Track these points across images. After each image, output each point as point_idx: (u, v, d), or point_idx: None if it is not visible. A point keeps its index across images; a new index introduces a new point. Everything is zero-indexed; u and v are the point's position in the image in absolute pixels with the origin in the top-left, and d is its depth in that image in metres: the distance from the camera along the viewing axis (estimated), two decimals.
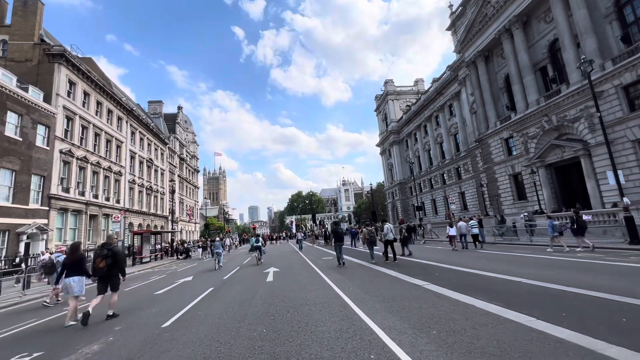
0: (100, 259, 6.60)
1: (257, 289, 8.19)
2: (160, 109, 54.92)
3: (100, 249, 6.84)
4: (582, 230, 12.24)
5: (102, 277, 6.69)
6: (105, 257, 6.61)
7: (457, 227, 16.77)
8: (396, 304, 5.47)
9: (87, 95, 28.26)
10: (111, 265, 6.65)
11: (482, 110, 31.64)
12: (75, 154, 25.67)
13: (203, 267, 17.61)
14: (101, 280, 6.75)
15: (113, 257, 6.67)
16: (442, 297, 5.62)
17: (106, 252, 6.67)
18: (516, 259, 11.02)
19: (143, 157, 39.25)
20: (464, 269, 8.97)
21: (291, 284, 8.74)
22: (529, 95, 25.49)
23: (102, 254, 6.64)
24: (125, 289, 10.80)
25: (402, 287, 6.97)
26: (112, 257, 6.66)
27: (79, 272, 6.68)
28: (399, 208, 59.06)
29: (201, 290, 8.99)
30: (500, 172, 29.43)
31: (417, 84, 63.98)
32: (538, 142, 24.26)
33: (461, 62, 36.11)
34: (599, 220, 16.80)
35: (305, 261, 15.46)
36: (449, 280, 7.36)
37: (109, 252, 6.68)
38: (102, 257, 6.62)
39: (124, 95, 39.81)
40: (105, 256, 6.62)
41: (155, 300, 7.96)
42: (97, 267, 6.61)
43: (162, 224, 43.91)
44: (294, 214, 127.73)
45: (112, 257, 6.65)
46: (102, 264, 6.57)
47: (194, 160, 67.57)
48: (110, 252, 6.69)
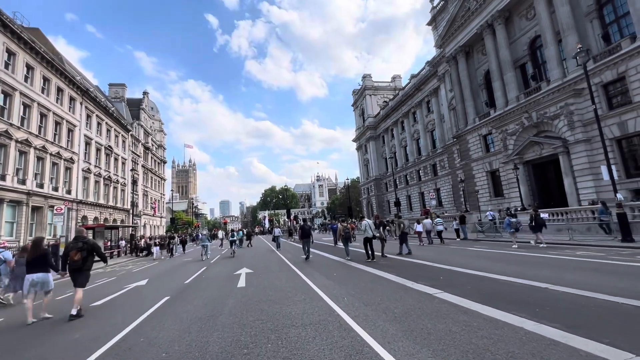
0: (75, 252, 6.43)
1: (225, 300, 6.52)
2: (122, 92, 50.31)
3: (74, 242, 6.63)
4: (540, 227, 13.28)
5: (76, 270, 6.46)
6: (80, 250, 6.45)
7: (422, 224, 17.80)
8: (414, 324, 4.12)
9: (30, 69, 24.56)
10: (86, 258, 6.50)
11: (462, 106, 31.47)
12: (14, 136, 22.15)
13: (163, 268, 15.53)
14: (76, 273, 6.50)
15: (89, 250, 6.53)
16: (472, 314, 4.35)
17: (81, 244, 6.50)
18: (511, 257, 10.23)
19: (101, 144, 35.45)
20: (470, 271, 7.88)
21: (269, 291, 7.16)
22: (509, 92, 25.41)
23: (77, 247, 6.47)
24: (56, 297, 8.71)
25: (410, 296, 5.65)
26: (87, 249, 6.51)
27: (43, 269, 6.44)
28: (374, 204, 58.82)
29: (153, 300, 7.16)
30: (477, 168, 29.41)
31: (394, 80, 63.82)
32: (517, 139, 24.22)
33: (441, 58, 35.83)
34: (580, 218, 16.67)
35: (282, 260, 13.90)
36: (462, 286, 6.18)
37: (84, 244, 6.53)
38: (77, 249, 6.44)
39: (78, 74, 35.65)
40: (80, 249, 6.45)
41: (84, 318, 6.05)
42: (72, 259, 6.42)
43: (122, 218, 40.24)
44: (267, 209, 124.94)
45: (87, 250, 6.51)
46: (77, 257, 6.41)
47: (161, 150, 63.18)
48: (86, 244, 6.56)
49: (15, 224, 22.60)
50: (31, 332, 5.48)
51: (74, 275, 6.52)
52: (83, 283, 6.57)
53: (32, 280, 6.33)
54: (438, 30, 37.23)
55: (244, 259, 16.42)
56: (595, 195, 18.39)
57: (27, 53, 23.92)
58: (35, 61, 24.79)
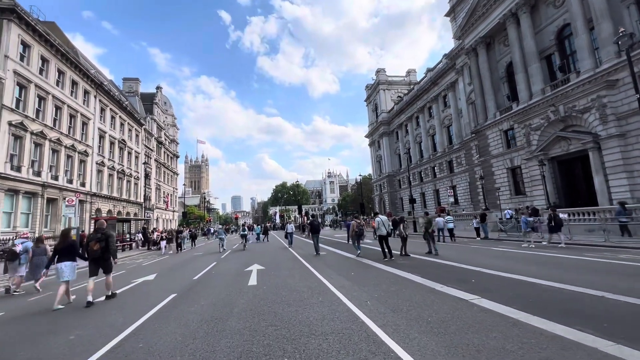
0: (95, 242, 6.97)
1: (235, 300, 6.01)
2: (136, 87, 50.66)
3: (94, 234, 7.27)
4: (558, 227, 13.16)
5: (95, 260, 7.01)
6: (99, 241, 6.97)
7: (435, 222, 17.67)
8: (457, 338, 3.45)
9: (45, 62, 24.66)
10: (105, 248, 7.02)
11: (481, 100, 30.17)
12: (30, 128, 22.28)
13: (172, 262, 15.22)
14: (94, 262, 7.05)
15: (106, 241, 7.03)
16: (525, 328, 3.64)
17: (100, 235, 7.06)
18: (543, 259, 9.39)
19: (114, 138, 35.69)
20: (502, 274, 7.12)
21: (282, 291, 6.60)
22: (534, 85, 24.07)
23: (96, 238, 7.03)
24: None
25: (442, 302, 4.95)
26: (105, 240, 7.02)
27: (71, 258, 7.00)
28: (387, 201, 57.80)
29: (159, 297, 6.69)
30: (497, 165, 28.17)
31: (409, 75, 62.31)
32: (542, 134, 22.94)
33: (460, 50, 34.46)
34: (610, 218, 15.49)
35: (294, 257, 13.36)
36: (500, 291, 5.45)
37: (102, 235, 7.06)
38: (96, 240, 6.99)
39: (92, 67, 35.86)
40: (99, 239, 6.98)
41: (84, 316, 5.62)
42: (92, 249, 6.96)
43: (135, 211, 40.58)
44: (278, 205, 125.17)
45: (105, 241, 7.01)
46: (96, 247, 6.94)
47: (174, 144, 63.64)
48: (104, 235, 7.06)
49: (30, 215, 22.82)
50: (26, 331, 5.06)
51: (94, 263, 7.08)
52: (108, 269, 7.23)
53: (61, 268, 6.87)
54: (457, 21, 35.79)
55: (255, 254, 15.98)
56: (629, 194, 17.13)
57: (42, 45, 23.99)
58: (50, 54, 24.87)
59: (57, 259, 6.98)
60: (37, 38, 23.39)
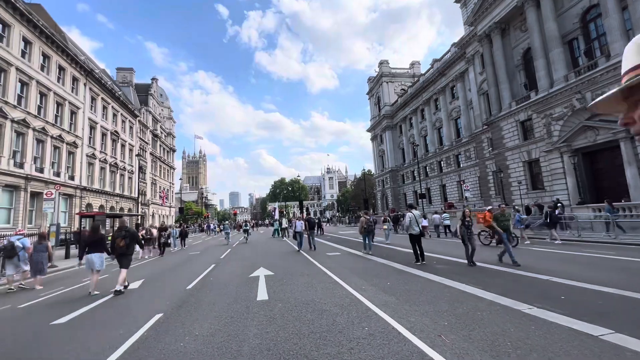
0: (120, 239, 7.51)
1: (242, 329, 4.24)
2: (130, 77, 48.55)
3: (119, 231, 7.74)
4: (554, 224, 13.58)
5: (120, 255, 7.52)
6: (124, 238, 7.53)
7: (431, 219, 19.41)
8: None
9: (28, 44, 22.71)
10: (128, 245, 7.58)
11: (495, 89, 28.51)
12: (10, 115, 20.41)
13: (164, 263, 13.56)
14: (119, 257, 7.54)
15: (130, 238, 7.61)
16: None
17: (124, 233, 7.60)
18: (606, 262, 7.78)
19: (106, 129, 33.76)
20: (591, 286, 5.49)
21: (305, 312, 4.87)
22: (556, 71, 22.40)
23: (121, 235, 7.56)
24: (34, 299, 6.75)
25: (556, 336, 3.34)
26: (129, 237, 7.59)
27: (99, 250, 7.58)
28: (390, 196, 56.26)
29: (139, 318, 4.98)
30: (512, 158, 26.59)
31: (413, 67, 60.44)
32: (564, 124, 21.37)
33: (471, 37, 32.70)
34: None
35: (304, 258, 11.74)
36: (627, 316, 3.85)
37: (126, 233, 7.62)
38: (121, 237, 7.53)
39: (83, 54, 33.83)
40: (124, 237, 7.53)
41: (33, 347, 3.94)
42: (118, 246, 7.50)
43: (130, 207, 38.77)
44: (277, 201, 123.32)
45: (129, 238, 7.59)
46: (121, 244, 7.50)
47: (170, 138, 61.63)
48: (128, 233, 7.64)
49: (12, 210, 21.03)
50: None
51: (119, 258, 7.59)
52: (126, 265, 7.57)
53: (91, 259, 7.47)
54: (467, 7, 34.00)
55: (258, 254, 14.33)
56: None
57: (24, 26, 22.03)
58: (33, 35, 22.91)
59: (87, 251, 7.58)
60: (17, 17, 21.41)
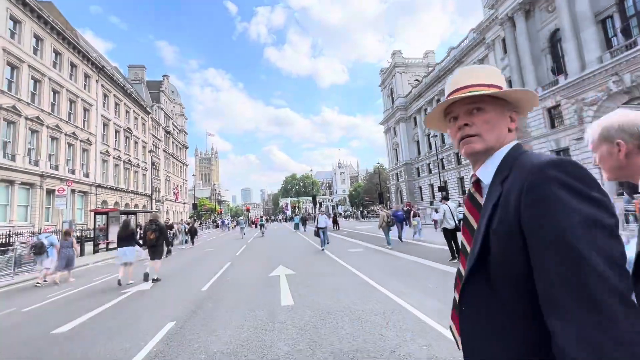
0: (150, 232, 8.33)
1: (269, 345, 3.53)
2: (142, 74, 48.60)
3: (149, 224, 8.62)
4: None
5: (151, 247, 8.35)
6: (154, 231, 8.32)
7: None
8: None
9: (40, 41, 22.57)
10: (158, 237, 8.38)
11: (519, 76, 26.98)
12: (24, 113, 20.33)
13: (178, 261, 13.07)
14: (151, 249, 8.38)
15: (160, 231, 8.39)
16: None
17: (154, 227, 8.40)
18: None
19: (119, 126, 33.76)
20: None
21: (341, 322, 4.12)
22: (588, 53, 20.81)
23: (152, 229, 8.36)
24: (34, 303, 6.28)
25: None
26: (159, 230, 8.37)
27: (131, 243, 8.33)
28: (404, 190, 54.99)
29: (149, 327, 4.38)
30: (539, 147, 25.11)
31: (427, 56, 58.54)
32: (598, 110, 19.87)
33: (492, 21, 31.04)
34: None
35: (324, 254, 11.02)
36: None
37: (156, 227, 8.41)
38: (151, 230, 8.33)
39: (95, 51, 33.79)
40: (154, 230, 8.33)
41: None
42: (148, 238, 8.35)
43: (144, 203, 38.92)
44: (289, 197, 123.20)
45: (159, 231, 8.36)
46: (152, 236, 8.31)
47: (182, 134, 61.81)
48: (157, 226, 8.43)
49: (29, 207, 21.06)
50: None
51: (151, 250, 8.35)
52: (158, 256, 8.37)
53: (124, 252, 8.10)
54: None
55: (275, 250, 13.71)
56: None
57: (35, 22, 21.86)
58: (44, 32, 22.75)
59: (119, 245, 8.20)
60: (28, 13, 21.24)
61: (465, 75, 0.92)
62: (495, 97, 0.88)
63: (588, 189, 0.66)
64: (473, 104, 0.88)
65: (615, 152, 1.06)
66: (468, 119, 0.88)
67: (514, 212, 0.71)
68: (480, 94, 0.87)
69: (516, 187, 0.73)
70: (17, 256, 11.26)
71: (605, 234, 0.63)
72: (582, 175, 0.68)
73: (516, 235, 0.71)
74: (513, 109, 0.91)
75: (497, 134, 0.87)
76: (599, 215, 0.64)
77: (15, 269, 10.90)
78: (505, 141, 0.88)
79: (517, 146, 0.87)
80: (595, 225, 0.63)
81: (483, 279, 0.78)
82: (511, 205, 0.73)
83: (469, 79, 0.91)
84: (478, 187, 0.91)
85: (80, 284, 8.73)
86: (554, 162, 0.71)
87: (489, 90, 0.87)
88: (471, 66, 0.96)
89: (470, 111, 0.89)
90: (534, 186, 0.69)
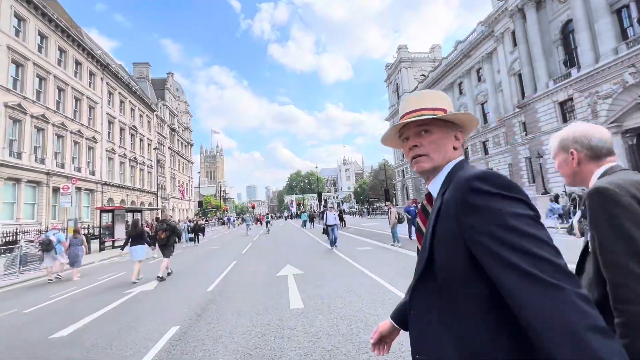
0: (161, 232, 8.60)
1: (280, 355, 3.28)
2: (147, 72, 48.58)
3: (160, 224, 8.90)
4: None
5: (162, 245, 8.59)
6: (165, 230, 8.57)
7: None
8: None
9: (44, 39, 22.52)
10: (169, 237, 8.62)
11: (529, 69, 26.29)
12: (29, 111, 20.33)
13: (184, 258, 12.91)
14: (162, 247, 8.62)
15: (170, 231, 8.64)
16: None
17: (165, 226, 8.66)
18: None
19: (125, 124, 33.78)
20: None
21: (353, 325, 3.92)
22: (602, 44, 20.14)
23: (163, 228, 8.63)
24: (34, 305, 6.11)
25: None
26: (169, 230, 8.62)
27: (141, 242, 8.60)
28: (410, 187, 54.50)
29: (150, 333, 4.18)
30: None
31: (433, 51, 57.66)
32: (613, 103, 19.25)
33: (501, 13, 30.29)
34: None
35: (332, 253, 10.75)
36: None
37: (167, 226, 8.66)
38: (162, 230, 8.60)
39: (99, 49, 33.75)
40: (165, 229, 8.58)
41: None
42: (159, 238, 8.62)
43: (150, 201, 39.05)
44: (293, 194, 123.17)
45: (169, 231, 8.62)
46: (162, 235, 8.57)
47: (187, 132, 61.87)
48: (168, 226, 8.67)
49: (35, 205, 21.13)
50: None
51: (162, 248, 8.57)
52: (168, 254, 8.49)
53: (135, 250, 8.38)
54: None
55: (281, 248, 13.50)
56: None
57: (39, 20, 21.79)
58: (48, 29, 22.68)
59: (130, 243, 8.45)
60: (33, 11, 21.17)
61: (415, 100, 1.01)
62: (440, 119, 0.95)
63: (508, 192, 0.77)
64: (421, 126, 0.97)
65: (570, 160, 1.21)
66: (417, 140, 0.97)
67: (454, 220, 0.81)
68: (426, 118, 0.95)
69: (452, 198, 0.83)
70: (23, 255, 11.25)
71: (530, 222, 0.74)
72: (502, 182, 0.79)
73: (458, 239, 0.80)
74: (458, 129, 1.00)
75: (443, 153, 0.96)
76: (520, 210, 0.75)
77: (21, 268, 10.91)
78: (452, 158, 0.97)
79: (459, 163, 0.96)
80: (519, 216, 0.74)
81: (431, 283, 0.87)
82: (450, 215, 0.82)
83: (419, 103, 0.99)
84: (430, 199, 1.01)
85: (85, 283, 8.60)
86: (477, 175, 0.81)
87: (434, 113, 0.95)
88: (421, 91, 1.05)
89: (419, 133, 0.98)
90: (463, 195, 0.80)
